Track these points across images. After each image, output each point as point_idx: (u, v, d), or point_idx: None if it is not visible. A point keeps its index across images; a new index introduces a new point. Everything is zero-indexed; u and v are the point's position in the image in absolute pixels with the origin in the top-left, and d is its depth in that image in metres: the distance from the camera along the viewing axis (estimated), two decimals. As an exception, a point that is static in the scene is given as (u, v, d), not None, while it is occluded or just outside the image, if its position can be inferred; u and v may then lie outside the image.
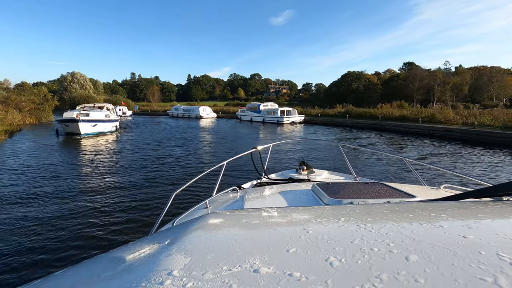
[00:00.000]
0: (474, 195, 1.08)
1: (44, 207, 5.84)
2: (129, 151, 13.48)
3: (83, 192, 6.94)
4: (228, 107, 59.12)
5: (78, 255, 4.07)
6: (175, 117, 49.92)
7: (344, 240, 0.60)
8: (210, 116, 47.03)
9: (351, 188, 1.67)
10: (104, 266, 0.65)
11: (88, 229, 4.85)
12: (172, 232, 0.83)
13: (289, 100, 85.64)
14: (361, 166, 10.07)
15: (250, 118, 39.53)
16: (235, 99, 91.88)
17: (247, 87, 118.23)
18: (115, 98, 68.31)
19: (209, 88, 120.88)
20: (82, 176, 8.52)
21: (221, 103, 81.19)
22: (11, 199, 6.34)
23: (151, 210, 5.77)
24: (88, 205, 6.01)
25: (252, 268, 0.50)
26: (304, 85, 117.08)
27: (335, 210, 0.88)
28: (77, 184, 7.63)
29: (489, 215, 0.79)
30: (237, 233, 0.74)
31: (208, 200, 1.86)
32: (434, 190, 1.88)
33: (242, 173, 8.52)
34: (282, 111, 34.81)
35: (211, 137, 20.19)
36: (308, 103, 60.03)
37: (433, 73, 52.55)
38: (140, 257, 0.65)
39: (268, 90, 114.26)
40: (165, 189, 7.34)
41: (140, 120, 40.35)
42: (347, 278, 0.45)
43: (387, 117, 28.85)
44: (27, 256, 3.98)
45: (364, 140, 18.81)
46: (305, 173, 3.02)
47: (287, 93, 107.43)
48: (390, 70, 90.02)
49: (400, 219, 0.74)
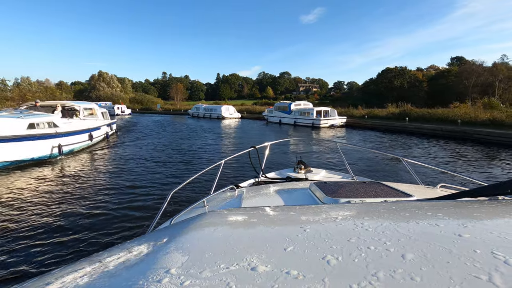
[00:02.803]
0: (470, 194, 1.08)
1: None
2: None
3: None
4: (255, 107, 51.67)
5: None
6: (196, 117, 43.37)
7: (341, 238, 0.58)
8: (234, 117, 39.94)
9: (348, 187, 1.63)
10: (101, 264, 0.63)
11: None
12: (169, 231, 0.82)
13: (319, 99, 77.45)
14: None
15: (278, 119, 31.90)
16: (263, 98, 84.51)
17: (276, 86, 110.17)
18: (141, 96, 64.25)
19: (237, 87, 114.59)
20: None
21: (248, 102, 74.63)
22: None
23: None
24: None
25: (249, 266, 0.49)
26: (335, 84, 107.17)
27: (332, 209, 0.87)
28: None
29: (485, 214, 0.77)
30: (235, 231, 0.73)
31: (206, 199, 1.75)
32: (430, 189, 1.87)
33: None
34: (319, 111, 26.86)
35: (227, 148, 13.18)
36: (341, 102, 51.90)
37: (494, 67, 42.10)
38: (138, 256, 0.64)
39: (298, 89, 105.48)
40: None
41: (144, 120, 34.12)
42: (344, 276, 0.44)
43: (467, 121, 19.86)
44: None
45: (474, 162, 10.42)
46: (302, 172, 2.96)
47: (317, 92, 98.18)
48: (433, 66, 78.33)
49: (396, 218, 0.73)
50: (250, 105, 58.84)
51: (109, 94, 56.45)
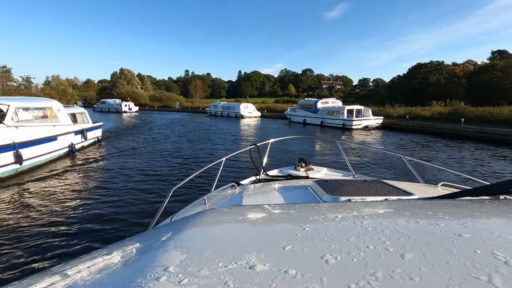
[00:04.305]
0: (471, 193, 1.05)
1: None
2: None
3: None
4: (276, 105, 47.73)
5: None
6: (213, 115, 40.02)
7: (340, 237, 0.57)
8: (253, 115, 36.27)
9: (349, 186, 1.60)
10: (100, 261, 0.62)
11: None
12: (169, 228, 0.81)
13: (343, 97, 71.90)
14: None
15: (302, 119, 27.84)
16: (284, 96, 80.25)
17: (298, 83, 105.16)
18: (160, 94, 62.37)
19: (259, 85, 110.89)
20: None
21: (270, 99, 71.08)
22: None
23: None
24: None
25: (248, 265, 0.48)
26: (360, 81, 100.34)
27: (332, 207, 0.85)
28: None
29: (485, 213, 0.75)
30: (234, 229, 0.72)
31: (207, 196, 1.75)
32: (432, 188, 1.83)
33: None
34: (350, 110, 22.68)
35: (239, 157, 9.56)
36: (366, 100, 47.15)
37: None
38: (137, 253, 0.63)
39: (321, 86, 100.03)
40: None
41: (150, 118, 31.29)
42: (342, 275, 0.43)
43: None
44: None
45: None
46: (303, 170, 2.93)
47: (341, 89, 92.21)
48: (471, 61, 70.26)
49: (396, 217, 0.72)
50: (271, 103, 55.26)
51: (130, 92, 55.11)
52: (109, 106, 46.46)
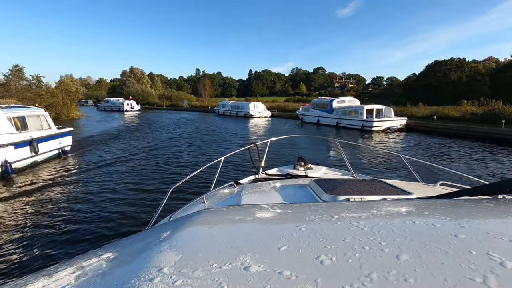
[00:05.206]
0: (470, 192, 1.03)
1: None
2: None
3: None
4: (287, 104, 45.24)
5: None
6: (222, 115, 37.98)
7: (336, 238, 0.56)
8: (263, 115, 33.99)
9: (348, 185, 1.59)
10: (95, 261, 0.62)
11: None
12: (166, 228, 0.80)
13: (356, 96, 68.74)
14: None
15: (316, 119, 25.46)
16: (296, 95, 77.54)
17: (310, 82, 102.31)
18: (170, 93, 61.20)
19: (269, 83, 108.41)
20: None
21: (280, 98, 68.62)
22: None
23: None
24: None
25: (242, 266, 0.47)
26: (373, 79, 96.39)
27: (330, 207, 0.83)
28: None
29: (482, 214, 0.74)
30: (230, 230, 0.71)
31: (205, 195, 1.71)
32: (430, 187, 1.82)
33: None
34: (369, 110, 20.30)
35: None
36: (380, 99, 44.23)
37: None
38: (132, 253, 0.63)
39: (333, 85, 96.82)
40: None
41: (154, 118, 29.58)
42: (337, 277, 0.42)
43: None
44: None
45: None
46: (302, 169, 2.87)
47: (353, 88, 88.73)
48: (492, 58, 65.83)
49: (393, 217, 0.71)
50: (282, 102, 52.84)
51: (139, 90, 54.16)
52: (112, 105, 45.87)
